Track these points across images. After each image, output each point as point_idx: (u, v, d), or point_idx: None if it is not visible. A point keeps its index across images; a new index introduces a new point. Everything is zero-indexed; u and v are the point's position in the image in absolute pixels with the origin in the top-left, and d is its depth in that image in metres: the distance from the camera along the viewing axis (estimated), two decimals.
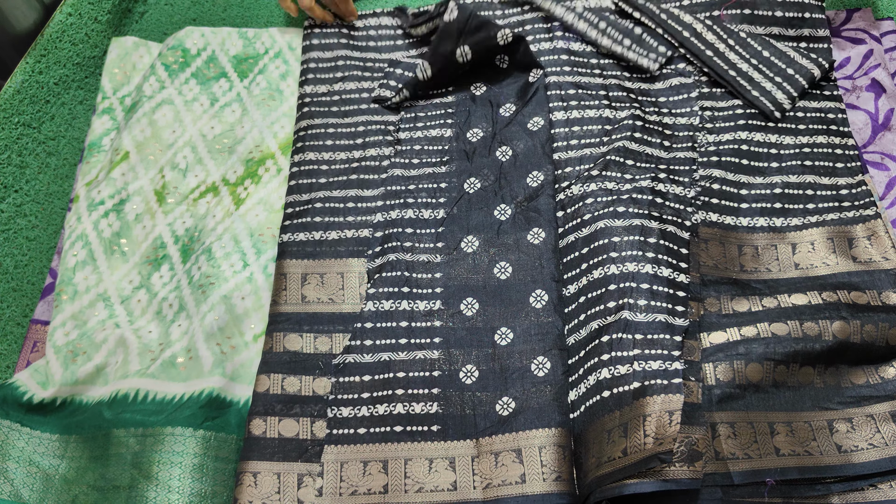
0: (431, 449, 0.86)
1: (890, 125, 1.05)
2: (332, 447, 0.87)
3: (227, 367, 0.92)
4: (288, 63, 1.18)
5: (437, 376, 0.90)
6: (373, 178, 1.05)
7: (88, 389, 0.94)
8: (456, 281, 0.96)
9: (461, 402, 0.89)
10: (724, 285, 0.92)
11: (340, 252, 0.99)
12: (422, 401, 0.89)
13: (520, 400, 0.88)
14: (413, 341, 0.93)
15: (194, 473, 0.85)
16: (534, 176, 1.02)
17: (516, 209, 1.00)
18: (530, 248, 0.97)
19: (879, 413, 0.84)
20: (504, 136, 1.07)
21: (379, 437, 0.87)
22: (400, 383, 0.90)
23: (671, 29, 1.11)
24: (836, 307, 0.88)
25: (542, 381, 0.88)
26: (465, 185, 1.03)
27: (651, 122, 1.04)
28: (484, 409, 0.88)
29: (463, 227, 1.00)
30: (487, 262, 0.97)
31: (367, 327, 0.94)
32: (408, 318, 0.94)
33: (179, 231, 1.05)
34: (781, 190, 0.99)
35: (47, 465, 0.89)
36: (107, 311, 1.00)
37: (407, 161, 1.06)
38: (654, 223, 0.94)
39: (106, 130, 1.15)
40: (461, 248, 0.99)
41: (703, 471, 0.79)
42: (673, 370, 0.83)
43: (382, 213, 1.02)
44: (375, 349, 0.92)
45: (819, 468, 0.80)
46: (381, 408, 0.89)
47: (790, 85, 1.06)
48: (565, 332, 0.91)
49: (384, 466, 0.86)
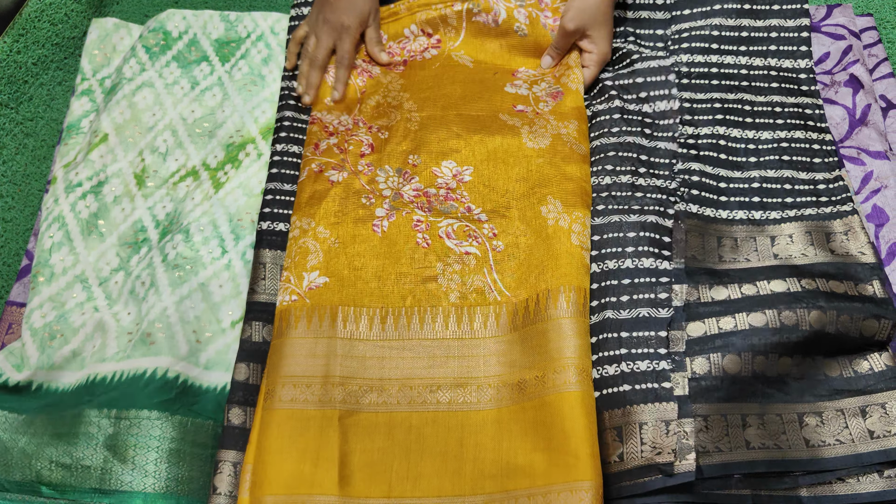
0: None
1: (867, 120, 1.06)
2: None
3: (201, 357, 0.93)
4: (270, 47, 1.18)
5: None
6: None
7: (64, 374, 0.94)
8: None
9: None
10: (703, 275, 0.93)
11: None
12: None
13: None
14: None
15: (171, 458, 0.86)
16: None
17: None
18: None
19: (849, 408, 0.85)
20: None
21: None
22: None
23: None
24: (815, 295, 0.89)
25: None
26: None
27: (631, 111, 1.04)
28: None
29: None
30: None
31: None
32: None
33: (160, 216, 1.05)
34: (760, 184, 1.00)
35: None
36: (85, 293, 0.99)
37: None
38: (634, 216, 0.95)
39: (85, 112, 1.14)
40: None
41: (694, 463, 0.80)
42: (661, 370, 0.84)
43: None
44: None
45: (787, 462, 0.82)
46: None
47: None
48: None
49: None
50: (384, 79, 1.12)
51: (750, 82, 1.08)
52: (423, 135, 1.03)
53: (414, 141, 1.03)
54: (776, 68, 1.09)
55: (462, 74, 1.11)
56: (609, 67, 1.10)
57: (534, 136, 1.02)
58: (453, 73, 1.11)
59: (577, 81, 1.07)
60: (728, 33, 1.12)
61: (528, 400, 0.84)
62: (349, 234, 0.96)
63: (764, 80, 1.08)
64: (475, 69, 1.12)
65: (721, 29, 1.12)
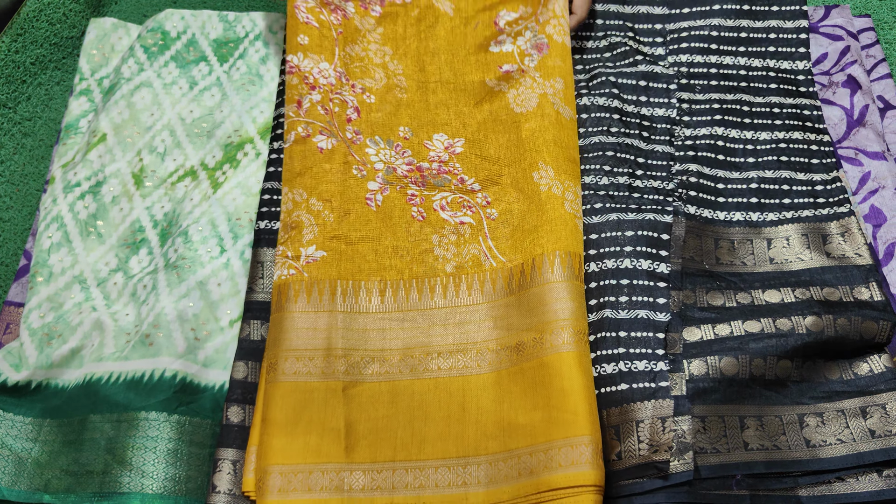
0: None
1: (864, 121, 1.06)
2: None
3: (199, 355, 0.92)
4: (268, 47, 1.18)
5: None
6: None
7: (63, 373, 0.94)
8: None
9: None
10: (700, 277, 0.93)
11: None
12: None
13: None
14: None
15: (168, 458, 0.86)
16: None
17: None
18: None
19: (850, 408, 0.85)
20: None
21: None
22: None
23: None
24: (809, 304, 0.89)
25: None
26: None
27: (629, 114, 1.04)
28: None
29: None
30: None
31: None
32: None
33: (158, 216, 1.05)
34: (757, 185, 1.00)
35: (20, 449, 0.89)
36: (83, 293, 0.99)
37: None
38: (631, 215, 0.95)
39: (83, 112, 1.14)
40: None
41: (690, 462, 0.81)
42: (658, 371, 0.84)
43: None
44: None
45: (786, 462, 0.82)
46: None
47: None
48: None
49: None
50: (360, 24, 1.09)
51: (748, 83, 1.08)
52: (412, 105, 1.03)
53: (403, 112, 1.03)
54: (774, 69, 1.09)
55: (444, 29, 1.10)
56: (611, 63, 1.10)
57: (520, 98, 1.03)
58: (435, 28, 1.10)
59: (562, 33, 1.07)
60: (727, 34, 1.12)
61: (526, 361, 0.86)
62: (343, 207, 0.96)
63: (762, 81, 1.08)
64: (456, 18, 1.11)
65: (720, 29, 1.12)
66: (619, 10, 1.15)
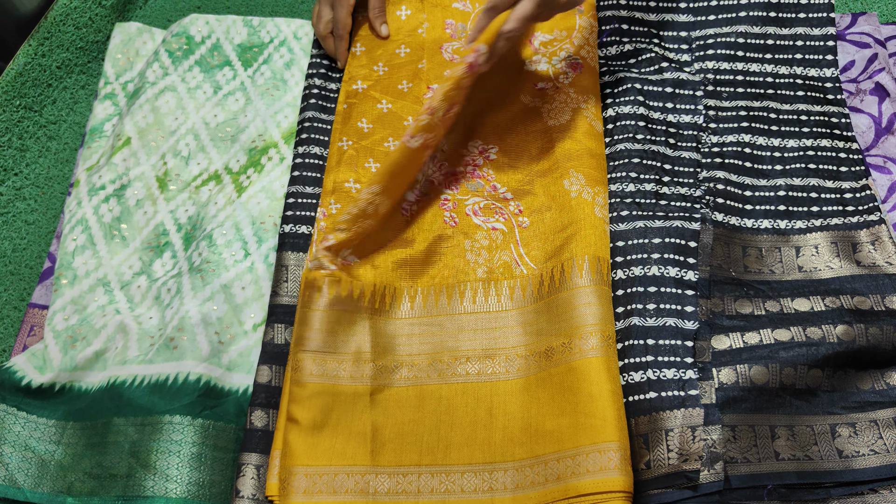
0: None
1: (893, 129, 1.05)
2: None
3: (223, 358, 0.92)
4: (293, 52, 1.18)
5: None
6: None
7: (87, 375, 0.94)
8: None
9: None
10: (728, 285, 0.92)
11: None
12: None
13: None
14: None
15: (192, 462, 0.85)
16: None
17: None
18: None
19: (883, 419, 0.84)
20: None
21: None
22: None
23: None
24: (840, 312, 0.88)
25: None
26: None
27: (655, 121, 1.04)
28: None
29: None
30: None
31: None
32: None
33: (182, 219, 1.05)
34: (785, 193, 0.99)
35: (43, 451, 0.89)
36: (107, 296, 0.99)
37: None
38: (658, 222, 0.94)
39: (108, 116, 1.15)
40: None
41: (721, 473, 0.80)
42: (688, 379, 0.84)
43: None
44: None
45: (818, 473, 0.81)
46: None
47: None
48: None
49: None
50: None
51: (776, 90, 1.08)
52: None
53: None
54: (802, 76, 1.09)
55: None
56: (636, 70, 1.10)
57: (554, 112, 1.04)
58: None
59: (594, 59, 1.09)
60: (753, 41, 1.11)
61: (554, 366, 0.85)
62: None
63: (790, 89, 1.08)
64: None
65: (746, 36, 1.11)
66: (643, 17, 1.15)
